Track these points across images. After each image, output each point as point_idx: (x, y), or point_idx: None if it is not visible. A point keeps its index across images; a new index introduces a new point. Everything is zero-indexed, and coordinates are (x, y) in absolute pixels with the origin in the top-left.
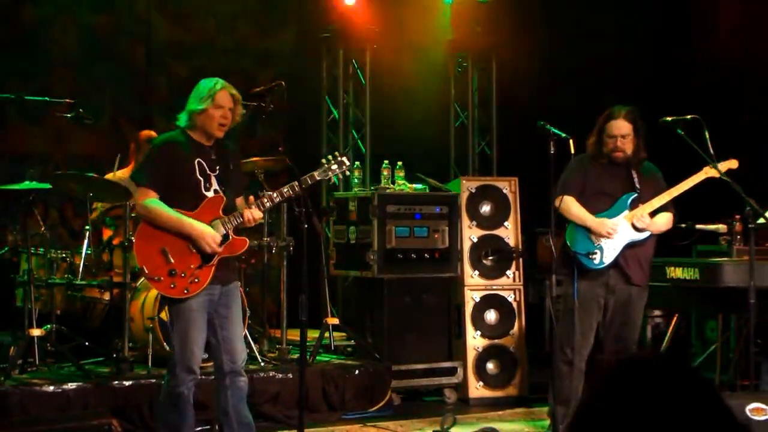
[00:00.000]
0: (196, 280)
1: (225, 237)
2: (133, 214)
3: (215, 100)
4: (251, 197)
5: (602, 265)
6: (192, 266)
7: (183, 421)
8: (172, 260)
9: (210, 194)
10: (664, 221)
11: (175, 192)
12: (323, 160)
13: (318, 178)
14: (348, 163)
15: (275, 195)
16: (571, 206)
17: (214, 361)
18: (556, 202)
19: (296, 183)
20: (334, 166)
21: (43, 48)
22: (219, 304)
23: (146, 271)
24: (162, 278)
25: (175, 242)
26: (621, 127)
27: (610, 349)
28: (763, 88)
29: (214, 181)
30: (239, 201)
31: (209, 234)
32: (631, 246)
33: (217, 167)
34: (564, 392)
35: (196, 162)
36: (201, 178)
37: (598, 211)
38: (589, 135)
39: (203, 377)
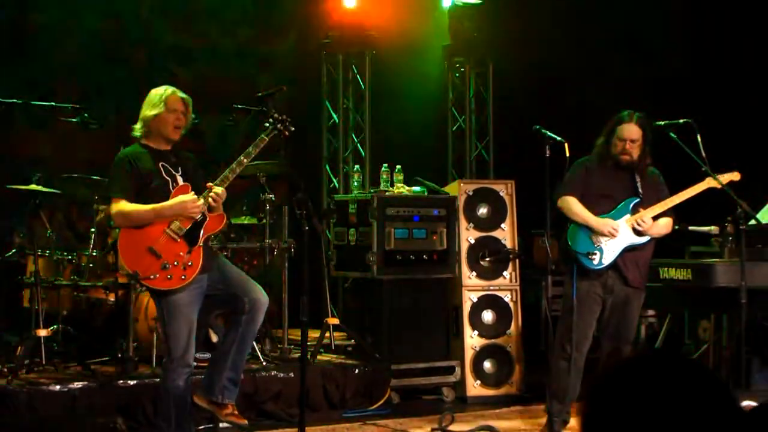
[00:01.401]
0: (190, 264)
1: (202, 217)
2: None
3: (167, 104)
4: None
5: (601, 266)
6: (181, 253)
7: (181, 413)
8: (161, 254)
9: (177, 187)
10: (664, 226)
11: (146, 195)
12: (266, 123)
13: (267, 140)
14: (289, 119)
15: (234, 166)
16: (573, 206)
17: (235, 306)
18: (558, 202)
19: (250, 149)
20: (279, 125)
21: (49, 53)
22: (212, 282)
23: (140, 274)
24: (157, 274)
25: (159, 237)
26: (632, 132)
27: (606, 347)
28: (754, 91)
29: (180, 179)
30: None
31: (186, 200)
32: (630, 249)
33: (179, 168)
34: (561, 388)
35: (160, 165)
36: (168, 178)
37: (600, 213)
38: (599, 135)
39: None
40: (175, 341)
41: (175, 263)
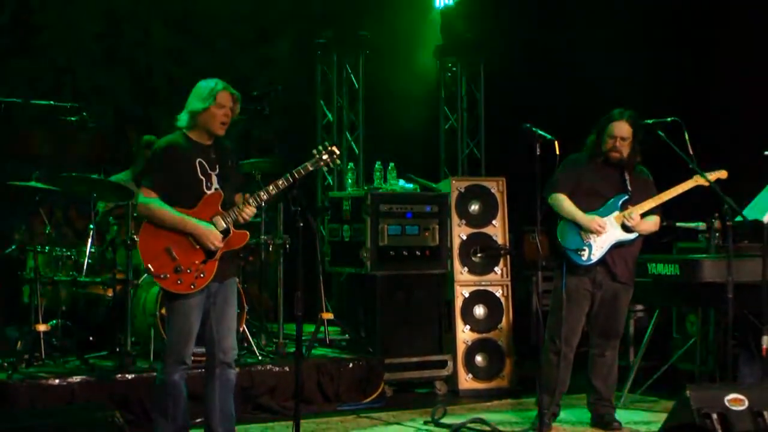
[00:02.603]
0: (202, 275)
1: (226, 231)
2: (135, 214)
3: (217, 100)
4: (242, 195)
5: (590, 262)
6: (196, 262)
7: (176, 407)
8: (177, 257)
9: (210, 192)
10: (652, 223)
11: (177, 192)
12: (314, 151)
13: (311, 169)
14: (338, 152)
15: (271, 188)
16: (563, 202)
17: (207, 352)
18: (549, 199)
19: (290, 174)
20: (325, 156)
21: (48, 54)
22: (216, 298)
23: (152, 270)
24: (168, 275)
25: (178, 240)
26: (622, 130)
27: (595, 342)
28: (737, 91)
29: (214, 179)
30: (238, 197)
31: (211, 233)
32: (618, 246)
33: (217, 165)
34: (551, 381)
35: (197, 162)
36: (202, 178)
37: (589, 209)
38: (590, 133)
39: (201, 370)
40: (175, 338)
41: (188, 270)
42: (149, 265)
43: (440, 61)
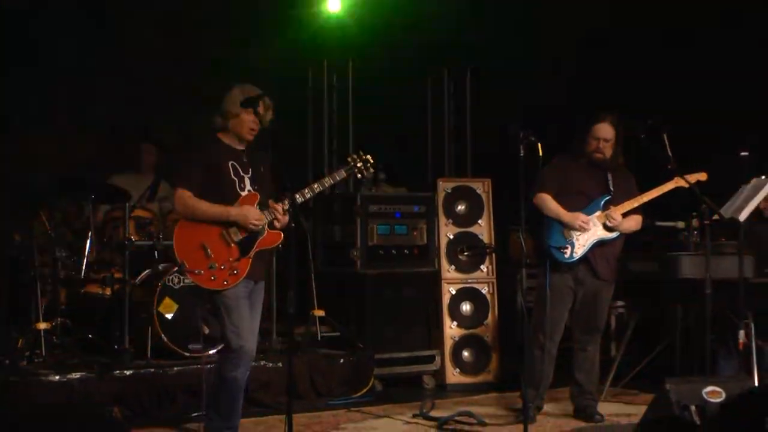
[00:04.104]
0: (235, 272)
1: (261, 231)
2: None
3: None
4: (274, 201)
5: (572, 260)
6: (231, 259)
7: (234, 405)
8: (212, 254)
9: (244, 194)
10: (634, 223)
11: (211, 193)
12: (349, 159)
13: (345, 175)
14: (372, 161)
15: (306, 191)
16: (547, 202)
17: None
18: (534, 199)
19: (326, 179)
20: (359, 164)
21: (46, 61)
22: (250, 299)
23: (186, 266)
24: (202, 272)
25: (214, 237)
26: (606, 132)
27: (577, 337)
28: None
29: (247, 181)
30: (270, 202)
31: (250, 213)
32: (600, 244)
33: (250, 169)
34: (536, 375)
35: (229, 164)
36: (235, 179)
37: (573, 209)
38: (575, 134)
39: (198, 366)
40: (230, 332)
41: (222, 267)
42: (184, 261)
43: (426, 64)
